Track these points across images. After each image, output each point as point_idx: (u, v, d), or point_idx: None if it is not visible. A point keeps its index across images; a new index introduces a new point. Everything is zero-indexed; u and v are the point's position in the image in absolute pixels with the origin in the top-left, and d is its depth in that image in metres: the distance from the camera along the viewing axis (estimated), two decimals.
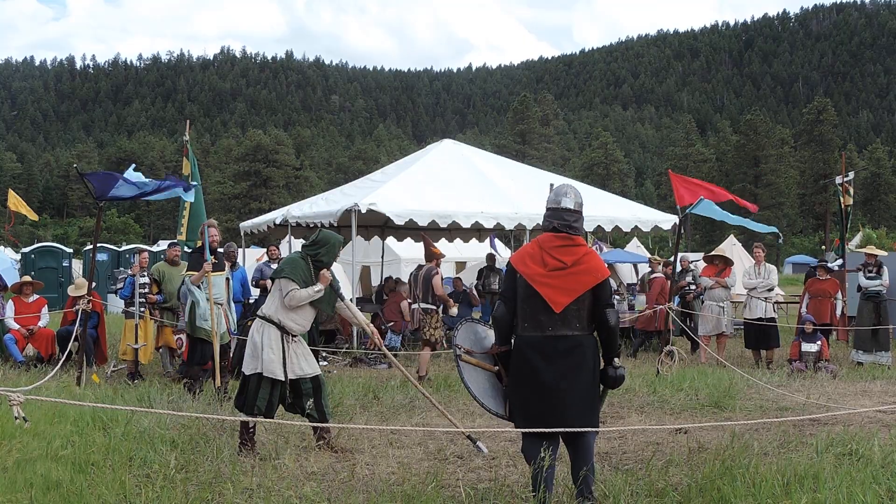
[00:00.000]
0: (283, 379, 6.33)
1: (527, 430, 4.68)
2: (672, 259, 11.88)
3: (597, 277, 4.68)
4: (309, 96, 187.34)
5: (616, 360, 4.82)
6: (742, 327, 13.39)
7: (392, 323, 14.00)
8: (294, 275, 6.38)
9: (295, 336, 6.49)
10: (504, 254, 20.25)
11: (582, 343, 4.65)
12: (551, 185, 6.88)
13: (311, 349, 11.35)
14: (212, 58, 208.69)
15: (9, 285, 12.49)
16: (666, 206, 36.49)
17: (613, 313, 4.75)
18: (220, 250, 9.25)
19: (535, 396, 4.65)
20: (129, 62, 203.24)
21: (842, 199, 13.09)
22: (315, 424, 6.27)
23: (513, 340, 4.82)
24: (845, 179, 13.35)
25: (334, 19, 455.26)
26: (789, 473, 5.25)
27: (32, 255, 23.01)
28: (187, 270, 9.23)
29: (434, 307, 11.02)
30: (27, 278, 12.59)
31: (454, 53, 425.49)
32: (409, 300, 12.13)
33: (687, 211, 11.04)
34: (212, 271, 8.86)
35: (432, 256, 11.20)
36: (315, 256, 6.54)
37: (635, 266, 35.83)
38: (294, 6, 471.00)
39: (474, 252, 19.39)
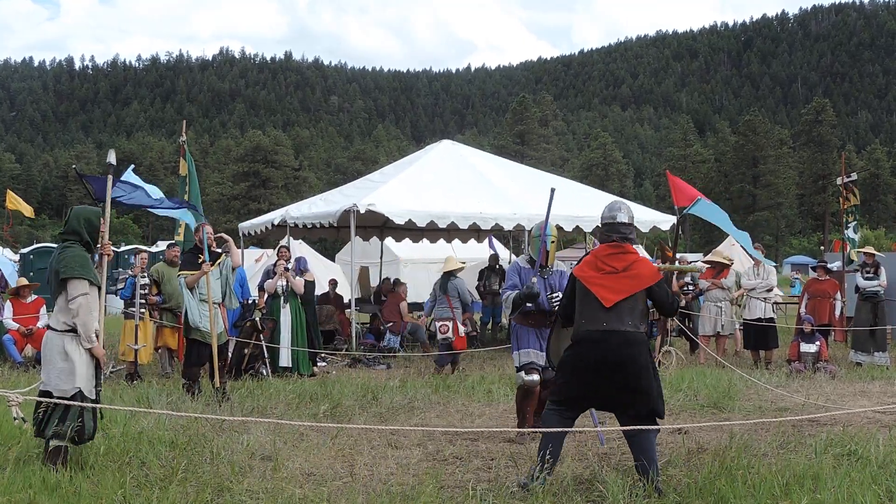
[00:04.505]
0: None
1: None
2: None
3: (646, 281, 5.36)
4: (308, 97, 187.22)
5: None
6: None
7: (391, 323, 14.00)
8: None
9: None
10: (503, 254, 20.23)
11: (632, 339, 5.23)
12: (552, 189, 6.96)
13: (311, 350, 11.49)
14: (210, 58, 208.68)
15: (9, 286, 12.50)
16: (665, 207, 36.49)
17: (675, 303, 5.59)
18: (219, 251, 9.23)
19: (582, 381, 5.29)
20: (127, 63, 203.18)
21: (841, 200, 13.07)
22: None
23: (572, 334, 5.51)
24: (848, 180, 13.34)
25: (335, 20, 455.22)
26: (788, 474, 5.26)
27: (31, 256, 23.00)
28: (180, 270, 9.23)
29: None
30: (24, 281, 12.58)
31: (455, 54, 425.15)
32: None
33: (685, 211, 11.02)
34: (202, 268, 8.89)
35: (665, 258, 12.09)
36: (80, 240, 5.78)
37: None
38: (295, 7, 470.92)
39: (473, 253, 19.39)
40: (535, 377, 6.85)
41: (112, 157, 6.74)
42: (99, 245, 6.20)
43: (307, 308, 11.81)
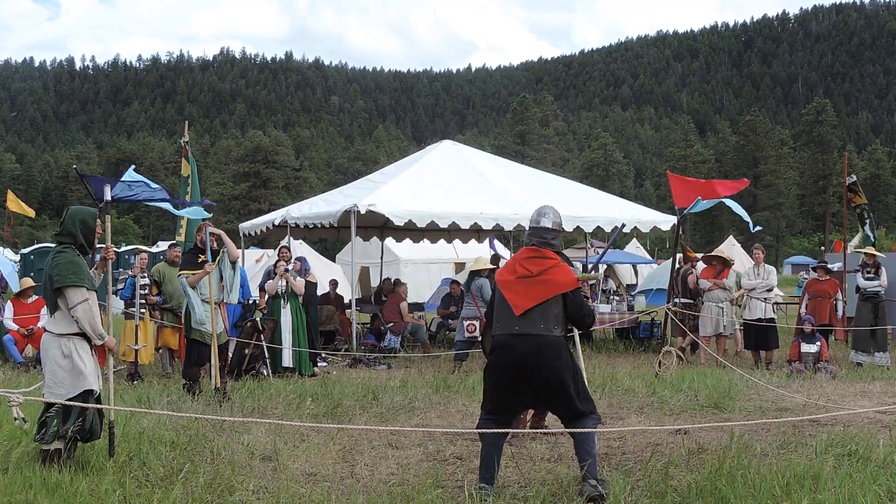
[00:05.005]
0: None
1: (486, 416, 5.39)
2: (669, 258, 11.88)
3: (560, 288, 5.25)
4: (308, 97, 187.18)
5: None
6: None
7: (391, 324, 14.01)
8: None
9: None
10: (505, 255, 20.24)
11: (545, 342, 5.16)
12: (540, 211, 6.99)
13: (311, 350, 11.49)
14: (211, 59, 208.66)
15: (9, 287, 12.50)
16: (665, 207, 36.49)
17: (588, 317, 5.44)
18: (223, 250, 9.23)
19: (501, 383, 5.27)
20: (128, 63, 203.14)
21: (853, 198, 13.04)
22: None
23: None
24: (850, 181, 13.32)
25: (336, 20, 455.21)
26: (789, 474, 5.25)
27: (31, 256, 22.94)
28: (181, 270, 9.23)
29: (692, 301, 13.05)
30: (29, 282, 12.56)
31: (456, 54, 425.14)
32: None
33: (686, 212, 11.04)
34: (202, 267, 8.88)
35: (688, 259, 13.86)
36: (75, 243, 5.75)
37: (634, 267, 35.93)
38: (296, 7, 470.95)
39: (473, 253, 19.39)
40: None
41: (108, 194, 6.69)
42: (100, 248, 6.19)
43: (309, 309, 11.82)
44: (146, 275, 11.16)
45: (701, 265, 13.65)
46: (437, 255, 23.03)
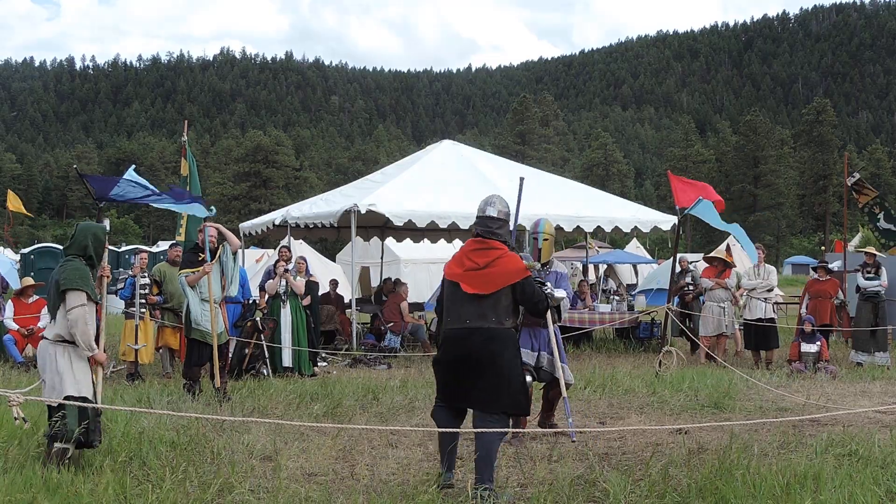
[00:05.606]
0: None
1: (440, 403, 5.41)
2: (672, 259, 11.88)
3: (510, 277, 5.21)
4: (309, 97, 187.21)
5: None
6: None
7: (392, 324, 14.01)
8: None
9: None
10: None
11: (495, 334, 5.15)
12: (521, 178, 7.00)
13: (311, 350, 11.49)
14: (211, 58, 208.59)
15: (9, 287, 12.50)
16: (665, 207, 36.49)
17: (541, 302, 5.39)
18: (224, 244, 9.24)
19: (449, 376, 5.27)
20: (128, 63, 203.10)
21: (860, 198, 13.02)
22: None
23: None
24: (854, 180, 13.31)
25: (336, 20, 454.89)
26: (789, 474, 5.25)
27: (32, 256, 22.98)
28: (181, 269, 9.23)
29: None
30: (29, 281, 12.58)
31: (456, 54, 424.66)
32: None
33: (686, 212, 11.04)
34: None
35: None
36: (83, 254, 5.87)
37: (635, 267, 35.92)
38: (296, 6, 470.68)
39: None
40: (528, 378, 6.82)
41: (106, 224, 6.79)
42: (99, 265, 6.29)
43: (310, 309, 11.82)
44: (146, 275, 11.16)
45: (703, 265, 13.65)
46: (437, 255, 22.98)
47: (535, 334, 6.98)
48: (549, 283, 6.83)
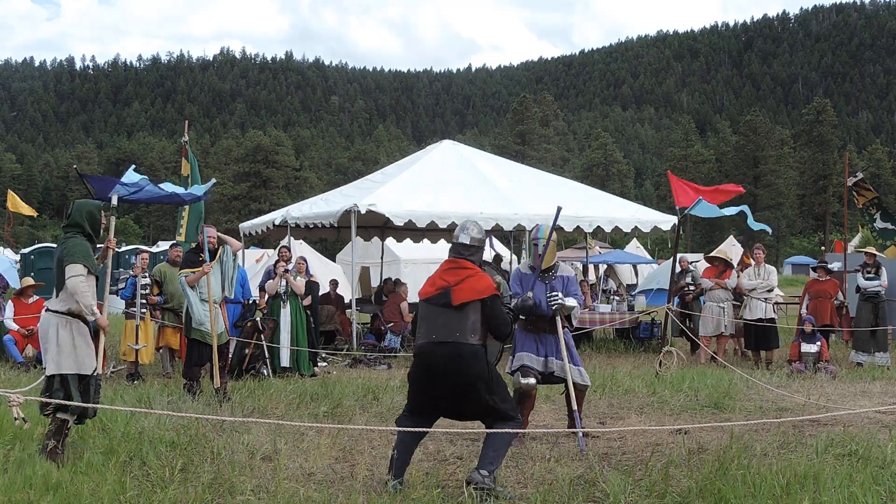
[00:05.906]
0: None
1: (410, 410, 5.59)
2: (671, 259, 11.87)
3: (478, 295, 5.41)
4: (309, 97, 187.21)
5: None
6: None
7: (392, 324, 14.01)
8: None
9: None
10: (505, 254, 20.24)
11: (463, 350, 5.30)
12: (559, 207, 7.10)
13: (311, 350, 11.49)
14: (211, 58, 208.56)
15: (9, 287, 12.50)
16: (665, 207, 36.49)
17: (504, 326, 5.53)
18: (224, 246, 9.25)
19: (419, 389, 5.47)
20: (128, 63, 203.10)
21: (858, 198, 13.02)
22: None
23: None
24: (855, 180, 13.30)
25: (336, 20, 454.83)
26: (789, 474, 5.25)
27: (32, 256, 22.99)
28: (181, 269, 9.24)
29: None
30: (29, 280, 12.58)
31: (456, 54, 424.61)
32: None
33: (686, 212, 11.04)
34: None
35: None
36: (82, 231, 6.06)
37: (635, 267, 35.92)
38: (296, 6, 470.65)
39: None
40: (532, 380, 6.83)
41: (114, 200, 7.12)
42: (103, 242, 6.55)
43: (311, 309, 11.82)
44: (147, 275, 11.17)
45: (703, 265, 13.64)
46: (437, 255, 22.93)
47: (541, 340, 6.98)
48: (558, 292, 6.86)
